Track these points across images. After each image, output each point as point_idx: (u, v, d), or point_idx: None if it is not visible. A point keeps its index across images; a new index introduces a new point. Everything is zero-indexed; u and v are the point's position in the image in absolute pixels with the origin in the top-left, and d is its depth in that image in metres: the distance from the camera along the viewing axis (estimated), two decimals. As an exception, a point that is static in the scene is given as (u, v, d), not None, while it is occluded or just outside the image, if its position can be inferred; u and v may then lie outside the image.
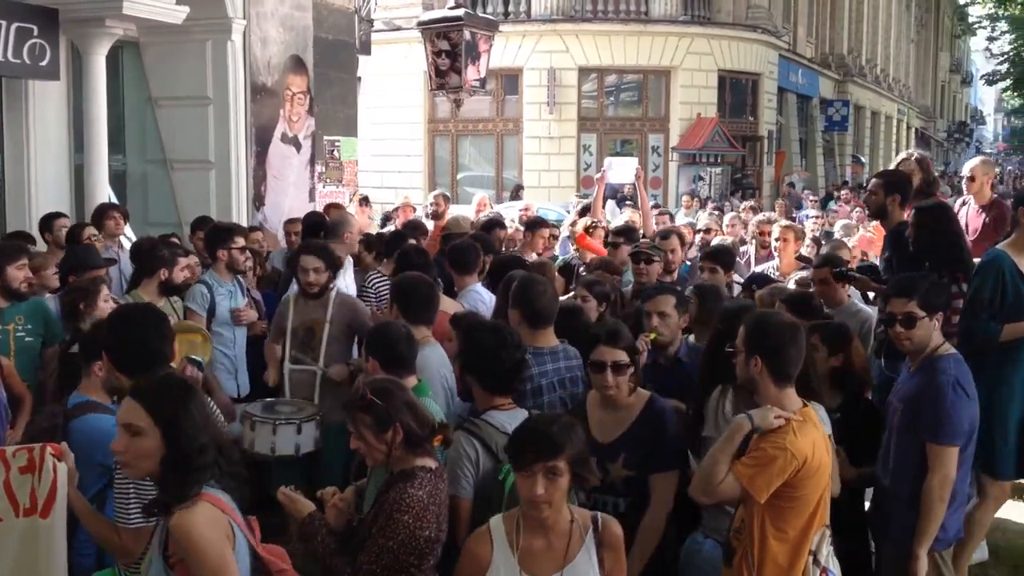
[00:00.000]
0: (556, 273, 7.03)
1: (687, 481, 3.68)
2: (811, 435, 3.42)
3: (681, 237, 7.25)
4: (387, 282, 6.39)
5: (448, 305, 5.51)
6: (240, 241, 6.51)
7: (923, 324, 4.03)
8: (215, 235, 6.61)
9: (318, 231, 7.50)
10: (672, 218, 11.85)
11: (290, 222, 8.67)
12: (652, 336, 4.66)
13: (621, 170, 11.17)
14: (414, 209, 11.02)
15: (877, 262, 6.42)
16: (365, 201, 11.56)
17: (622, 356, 3.94)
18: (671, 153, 25.77)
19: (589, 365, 4.08)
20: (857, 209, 14.69)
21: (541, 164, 25.05)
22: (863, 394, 4.63)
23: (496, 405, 3.85)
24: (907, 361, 4.31)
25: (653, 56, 25.37)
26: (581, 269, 7.36)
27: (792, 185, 26.84)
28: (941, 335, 4.11)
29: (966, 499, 4.08)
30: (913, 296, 4.07)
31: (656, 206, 12.95)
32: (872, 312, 5.85)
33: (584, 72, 25.38)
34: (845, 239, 8.98)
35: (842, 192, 21.83)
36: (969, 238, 6.71)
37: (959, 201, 7.82)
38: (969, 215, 7.51)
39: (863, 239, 9.19)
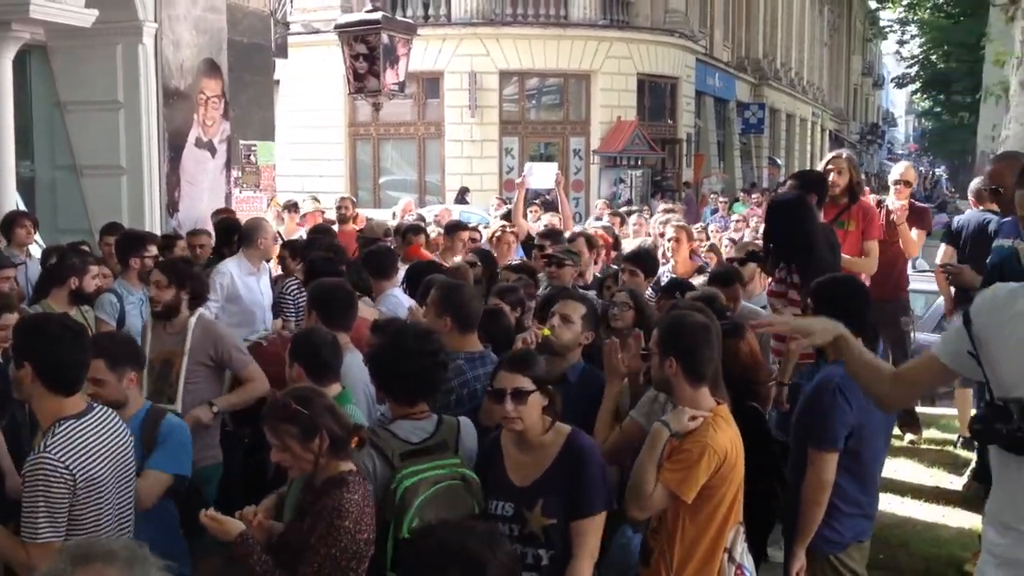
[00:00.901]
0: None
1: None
2: (728, 432, 3.50)
3: (589, 241, 7.29)
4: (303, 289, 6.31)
5: (366, 311, 5.48)
6: (153, 249, 6.36)
7: None
8: (127, 243, 6.45)
9: (232, 236, 7.40)
10: (623, 220, 11.86)
11: (193, 234, 8.17)
12: (545, 332, 4.37)
13: (541, 175, 11.21)
14: (323, 213, 10.90)
15: None
16: (294, 207, 11.42)
17: (525, 383, 3.42)
18: (592, 156, 25.99)
19: (488, 394, 3.64)
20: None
21: (464, 167, 25.06)
22: (754, 396, 4.66)
23: (407, 414, 3.73)
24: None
25: (573, 60, 25.57)
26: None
27: (687, 185, 27.14)
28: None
29: (869, 505, 4.10)
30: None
31: (616, 213, 12.89)
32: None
33: (505, 75, 25.45)
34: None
35: (752, 195, 22.06)
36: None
37: (876, 200, 7.88)
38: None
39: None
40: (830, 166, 6.75)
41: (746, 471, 4.14)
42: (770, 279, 6.01)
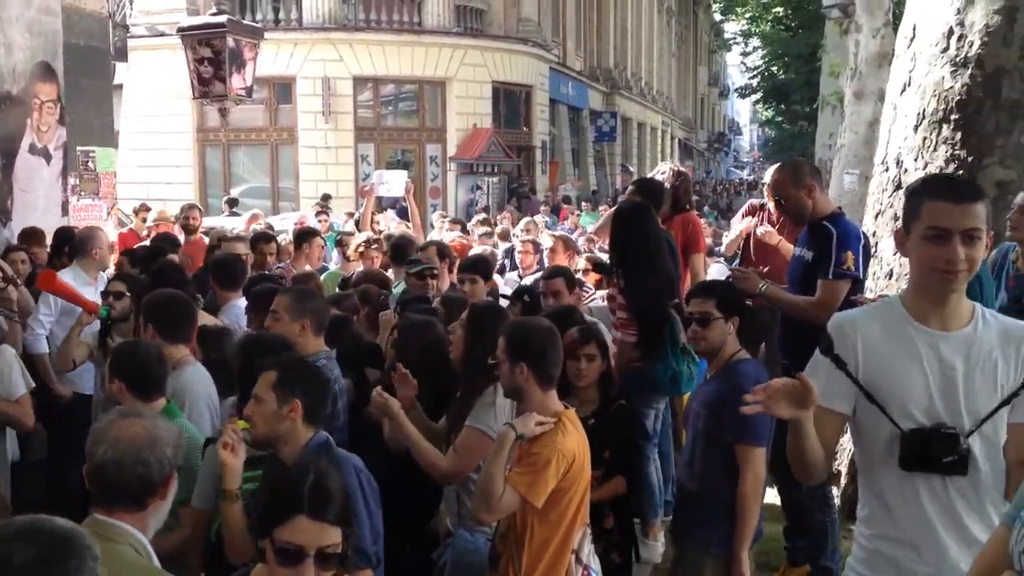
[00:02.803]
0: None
1: None
2: (576, 436, 3.52)
3: (441, 251, 7.29)
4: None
5: (209, 321, 5.34)
6: None
7: (718, 325, 4.09)
8: None
9: (63, 247, 7.09)
10: (466, 230, 11.87)
11: (13, 249, 7.42)
12: (242, 426, 3.39)
13: (392, 183, 11.11)
14: (173, 223, 10.59)
15: None
16: (144, 209, 10.99)
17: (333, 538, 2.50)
18: (449, 163, 26.04)
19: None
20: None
21: (318, 174, 24.67)
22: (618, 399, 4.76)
23: None
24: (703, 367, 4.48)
25: (428, 67, 25.57)
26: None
27: (533, 192, 27.49)
28: (737, 340, 4.18)
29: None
30: (712, 297, 4.15)
31: (456, 221, 12.85)
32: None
33: (359, 81, 25.23)
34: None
35: (601, 206, 22.28)
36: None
37: (757, 203, 7.79)
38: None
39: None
40: (660, 175, 6.89)
41: (617, 468, 4.25)
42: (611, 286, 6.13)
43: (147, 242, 8.91)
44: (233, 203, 18.70)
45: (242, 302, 6.00)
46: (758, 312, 5.50)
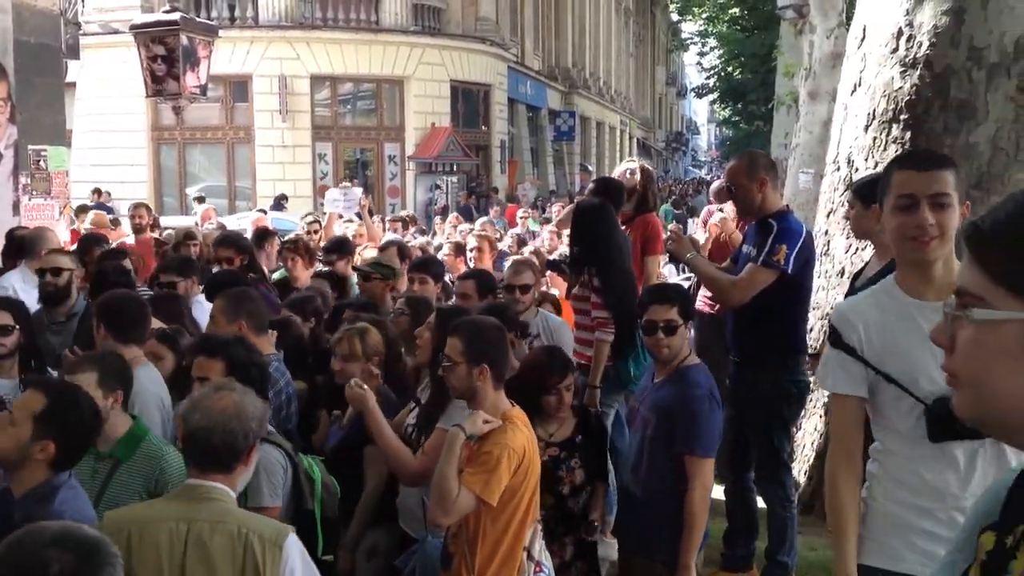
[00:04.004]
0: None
1: None
2: (524, 432, 3.52)
3: (402, 251, 7.27)
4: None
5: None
6: None
7: (681, 332, 4.12)
8: None
9: (15, 249, 6.95)
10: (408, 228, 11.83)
11: None
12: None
13: (348, 202, 10.84)
14: (112, 228, 10.47)
15: None
16: (83, 210, 10.85)
17: None
18: (408, 162, 25.98)
19: None
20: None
21: (275, 173, 24.52)
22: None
23: None
24: (651, 369, 4.46)
25: (386, 65, 25.50)
26: None
27: (495, 191, 27.40)
28: (688, 344, 4.22)
29: None
30: (675, 304, 4.15)
31: (397, 219, 12.79)
32: None
33: (317, 80, 25.11)
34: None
35: (554, 206, 21.50)
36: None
37: (714, 207, 7.73)
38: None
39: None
40: (627, 174, 6.87)
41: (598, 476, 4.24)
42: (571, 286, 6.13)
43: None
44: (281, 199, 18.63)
45: (202, 297, 5.95)
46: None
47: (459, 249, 8.32)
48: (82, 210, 12.38)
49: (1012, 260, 1.12)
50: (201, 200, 17.68)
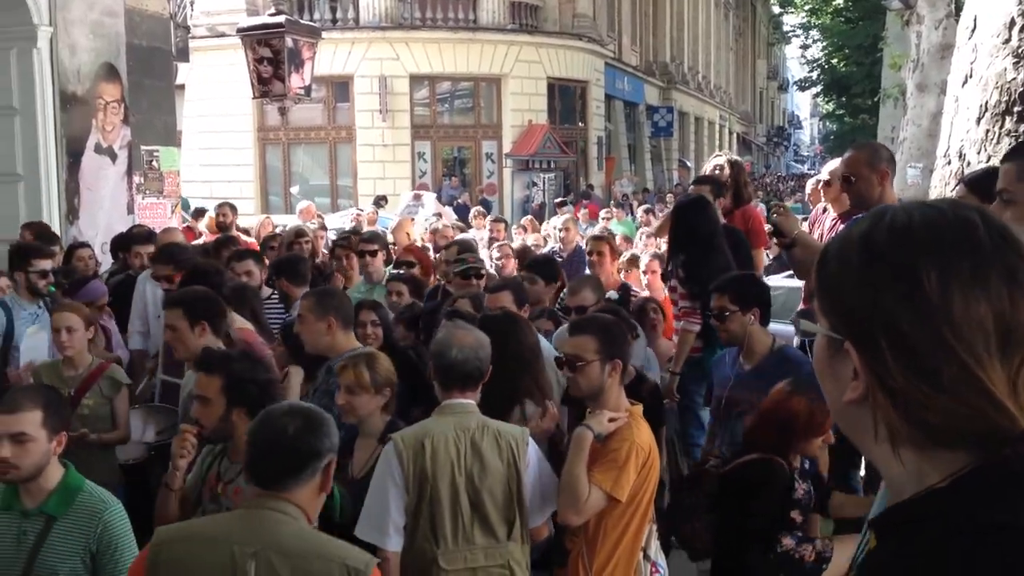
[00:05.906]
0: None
1: None
2: (646, 429, 3.52)
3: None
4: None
5: (239, 321, 5.06)
6: (41, 264, 5.85)
7: (735, 317, 4.25)
8: (14, 255, 6.00)
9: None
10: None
11: (79, 246, 7.57)
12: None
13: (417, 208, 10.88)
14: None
15: None
16: (200, 214, 11.24)
17: None
18: (505, 159, 26.10)
19: None
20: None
21: (376, 172, 24.91)
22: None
23: None
24: (726, 357, 4.51)
25: (483, 64, 25.65)
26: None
27: (591, 187, 27.23)
28: (765, 330, 4.27)
29: None
30: (725, 292, 4.32)
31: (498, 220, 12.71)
32: None
33: (416, 79, 25.40)
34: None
35: (642, 206, 20.00)
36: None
37: (820, 207, 7.55)
38: (826, 227, 7.42)
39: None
40: (716, 170, 6.69)
41: None
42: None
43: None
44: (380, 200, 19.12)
45: None
46: None
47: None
48: (199, 213, 12.78)
49: (819, 287, 1.19)
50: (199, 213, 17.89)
